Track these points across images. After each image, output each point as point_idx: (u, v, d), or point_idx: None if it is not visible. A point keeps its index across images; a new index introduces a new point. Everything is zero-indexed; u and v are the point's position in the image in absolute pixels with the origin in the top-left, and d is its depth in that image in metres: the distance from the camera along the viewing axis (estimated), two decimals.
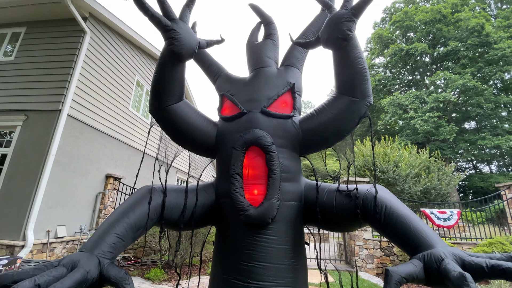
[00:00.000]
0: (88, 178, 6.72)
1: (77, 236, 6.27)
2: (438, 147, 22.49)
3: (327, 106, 1.65)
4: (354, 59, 1.47)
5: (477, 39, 21.94)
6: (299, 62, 2.01)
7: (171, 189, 1.60)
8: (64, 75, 6.07)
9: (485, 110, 22.64)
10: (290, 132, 1.69)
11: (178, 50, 1.46)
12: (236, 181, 1.54)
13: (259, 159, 1.61)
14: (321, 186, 1.64)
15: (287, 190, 1.58)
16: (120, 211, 1.38)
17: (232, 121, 1.75)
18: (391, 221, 1.29)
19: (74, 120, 6.22)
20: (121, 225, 1.32)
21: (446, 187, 13.29)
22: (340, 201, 1.51)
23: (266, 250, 1.46)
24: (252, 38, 2.18)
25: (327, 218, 1.56)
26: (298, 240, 1.59)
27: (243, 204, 1.48)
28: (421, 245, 1.16)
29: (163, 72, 1.56)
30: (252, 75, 1.93)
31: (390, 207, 1.33)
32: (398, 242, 1.29)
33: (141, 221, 1.39)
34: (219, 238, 1.67)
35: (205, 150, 1.84)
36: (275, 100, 1.74)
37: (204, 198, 1.68)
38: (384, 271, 1.06)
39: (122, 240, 1.30)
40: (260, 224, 1.46)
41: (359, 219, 1.42)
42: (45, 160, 5.41)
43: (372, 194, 1.42)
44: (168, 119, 1.68)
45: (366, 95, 1.56)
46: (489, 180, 22.81)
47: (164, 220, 1.51)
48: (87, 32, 6.43)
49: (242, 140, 1.60)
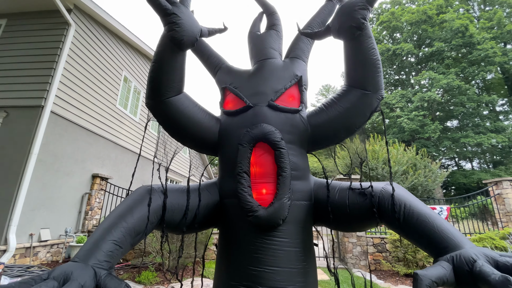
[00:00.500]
0: (73, 178, 6.42)
1: (62, 239, 5.97)
2: (423, 145, 23.09)
3: (337, 100, 1.57)
4: (367, 50, 1.39)
5: (461, 39, 22.62)
6: (304, 54, 1.92)
7: (171, 189, 1.48)
8: (47, 70, 5.74)
9: (468, 109, 23.41)
10: (299, 127, 1.60)
11: (179, 37, 1.34)
12: (244, 179, 1.44)
13: (267, 156, 1.51)
14: (332, 185, 1.56)
15: (297, 188, 1.49)
16: (116, 215, 1.25)
17: (236, 115, 1.64)
18: (412, 221, 1.22)
19: (58, 117, 5.91)
20: (118, 230, 1.19)
21: (432, 183, 13.64)
22: (353, 200, 1.43)
23: (277, 253, 1.36)
24: (254, 29, 2.07)
25: (340, 218, 1.48)
26: (308, 242, 1.51)
27: (252, 205, 1.38)
28: (448, 245, 1.09)
29: (162, 61, 1.43)
30: (256, 67, 1.82)
31: (410, 205, 1.26)
32: (420, 243, 1.22)
33: (141, 225, 1.27)
34: (223, 241, 1.56)
35: (207, 147, 1.72)
36: (282, 94, 1.65)
37: (208, 198, 1.56)
38: (413, 274, 0.98)
39: (119, 247, 1.17)
40: (270, 226, 1.37)
41: (375, 218, 1.35)
42: (27, 160, 5.10)
43: (388, 192, 1.35)
44: (166, 113, 1.55)
45: (378, 88, 1.49)
46: (471, 177, 23.62)
47: (166, 223, 1.39)
48: (71, 25, 6.11)
49: (249, 136, 1.49)
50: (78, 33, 6.46)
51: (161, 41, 1.41)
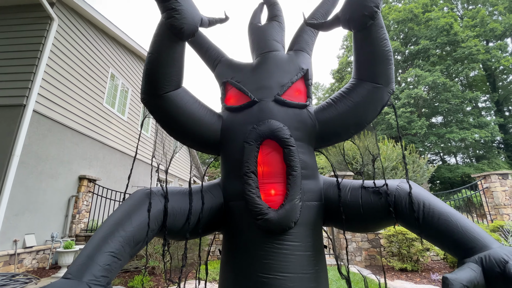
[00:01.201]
0: (59, 180, 6.13)
1: (48, 244, 5.70)
2: (410, 141, 23.59)
3: (346, 94, 1.50)
4: (379, 41, 1.32)
5: (446, 37, 23.16)
6: (309, 47, 1.83)
7: (172, 192, 1.37)
8: (29, 66, 5.44)
9: (452, 105, 24.05)
10: (306, 124, 1.51)
11: (179, 25, 1.22)
12: (251, 180, 1.34)
13: (275, 154, 1.41)
14: (343, 183, 1.48)
15: (307, 188, 1.41)
16: (113, 222, 1.13)
17: (240, 111, 1.54)
18: (433, 221, 1.15)
19: (41, 116, 5.61)
20: (115, 240, 1.06)
21: (420, 178, 13.94)
22: (367, 199, 1.36)
23: (288, 258, 1.28)
24: (254, 20, 1.96)
25: (353, 218, 1.41)
26: (319, 244, 1.43)
27: (261, 207, 1.28)
28: (475, 246, 1.03)
29: (160, 52, 1.31)
30: (259, 60, 1.72)
31: (429, 204, 1.20)
32: (443, 244, 1.16)
33: (141, 233, 1.15)
34: (229, 246, 1.45)
35: (208, 146, 1.61)
36: (289, 88, 1.55)
37: (211, 201, 1.46)
38: (442, 279, 0.92)
39: (118, 259, 1.05)
40: (282, 229, 1.28)
41: (392, 218, 1.28)
42: (9, 162, 4.82)
43: (404, 190, 1.28)
44: (164, 109, 1.43)
45: (390, 82, 1.42)
46: (456, 171, 24.33)
47: (167, 229, 1.27)
48: (54, 19, 5.81)
49: (256, 133, 1.39)
50: (61, 28, 6.15)
51: (158, 30, 1.29)
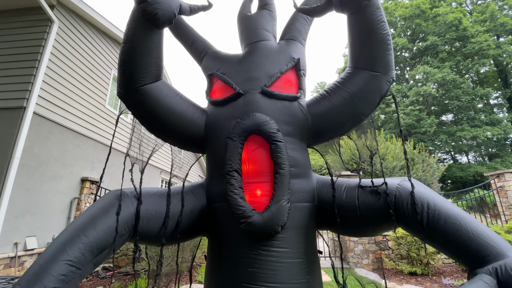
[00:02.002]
0: (61, 182, 6.12)
1: None
2: (419, 139, 23.06)
3: (341, 85, 1.34)
4: (375, 23, 1.17)
5: (455, 33, 22.60)
6: (301, 36, 1.69)
7: (147, 193, 1.24)
8: (29, 69, 5.44)
9: (463, 102, 23.43)
10: (297, 117, 1.36)
11: (153, 11, 1.10)
12: (234, 179, 1.20)
13: (261, 150, 1.27)
14: (338, 182, 1.33)
15: (298, 188, 1.26)
16: (74, 228, 1.01)
17: (225, 104, 1.41)
18: (439, 224, 0.99)
19: (42, 118, 5.61)
20: (75, 247, 0.94)
21: (430, 178, 13.58)
22: (364, 200, 1.21)
23: (275, 266, 1.13)
24: (244, 10, 1.83)
25: (349, 221, 1.25)
26: (311, 250, 1.28)
27: (244, 209, 1.15)
28: (488, 254, 0.88)
29: (134, 41, 1.18)
30: (247, 51, 1.59)
31: (434, 205, 1.04)
32: (451, 251, 1.00)
33: (106, 239, 1.02)
34: (213, 253, 1.32)
35: (192, 143, 1.48)
36: (278, 78, 1.41)
37: (193, 203, 1.33)
38: None
39: (76, 268, 0.92)
40: (267, 234, 1.14)
41: (392, 221, 1.13)
42: (9, 164, 4.81)
43: (406, 190, 1.13)
44: (142, 103, 1.31)
45: (389, 69, 1.26)
46: (468, 170, 23.66)
47: (140, 234, 1.15)
48: (54, 21, 5.81)
49: (240, 127, 1.26)
50: (62, 30, 6.16)
51: (132, 17, 1.17)
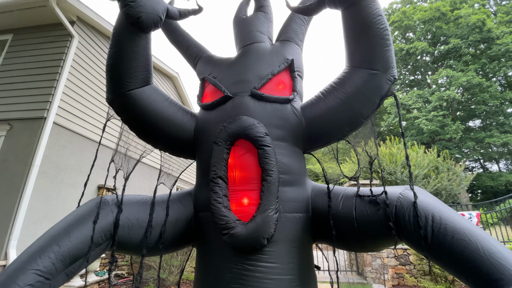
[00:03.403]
0: (78, 189, 6.31)
1: None
2: (444, 147, 21.93)
3: (338, 85, 1.24)
4: (371, 17, 1.06)
5: (479, 35, 21.59)
6: (298, 37, 1.61)
7: (130, 201, 1.19)
8: (50, 81, 5.74)
9: (491, 107, 22.14)
10: (290, 121, 1.27)
11: (135, 14, 1.07)
12: (218, 187, 1.12)
13: (249, 156, 1.19)
14: (334, 191, 1.21)
15: (289, 197, 1.16)
16: (48, 236, 0.96)
17: (213, 108, 1.35)
18: (445, 240, 0.85)
19: (61, 128, 5.86)
20: (45, 256, 0.90)
21: (457, 187, 12.75)
22: (362, 211, 1.08)
23: (262, 283, 1.03)
24: (240, 13, 1.79)
25: (346, 234, 1.13)
26: (306, 266, 1.16)
27: (227, 220, 1.06)
28: (502, 277, 0.73)
29: (120, 45, 1.16)
30: (240, 53, 1.53)
31: (440, 218, 0.90)
32: (459, 272, 0.85)
33: (80, 248, 0.97)
34: (199, 265, 1.24)
35: (182, 149, 1.43)
36: (269, 80, 1.33)
37: (179, 212, 1.26)
38: None
39: (45, 278, 0.87)
40: (251, 247, 1.03)
41: (392, 235, 0.99)
42: (29, 172, 5.02)
43: (408, 200, 0.99)
44: (129, 108, 1.28)
45: (389, 66, 1.14)
46: (499, 179, 22.14)
47: (119, 244, 1.09)
48: (74, 36, 6.13)
49: (226, 132, 1.19)
50: (81, 44, 6.48)
51: (117, 21, 1.15)
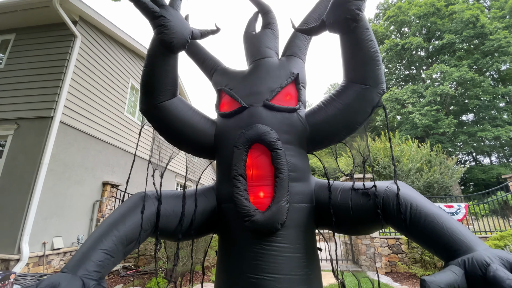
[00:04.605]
0: (84, 186, 6.52)
1: (74, 246, 6.07)
2: (437, 141, 22.43)
3: (336, 97, 1.50)
4: (364, 42, 1.32)
5: (472, 30, 21.93)
6: (301, 52, 1.85)
7: (166, 195, 1.44)
8: (55, 81, 5.88)
9: (483, 101, 22.62)
10: (296, 127, 1.53)
11: (169, 39, 1.31)
12: (239, 183, 1.38)
13: (263, 157, 1.44)
14: (334, 185, 1.48)
15: (297, 191, 1.42)
16: (108, 223, 1.22)
17: (231, 117, 1.59)
18: (419, 222, 1.13)
19: (67, 127, 6.03)
20: (109, 239, 1.15)
21: (449, 180, 13.19)
22: (356, 201, 1.35)
23: (277, 259, 1.29)
24: (249, 29, 2.02)
25: (343, 220, 1.40)
26: (310, 246, 1.43)
27: (248, 209, 1.32)
28: (459, 248, 1.00)
29: (154, 65, 1.40)
30: (252, 67, 1.77)
31: (416, 205, 1.17)
32: (429, 246, 1.12)
33: (133, 233, 1.23)
34: (222, 248, 1.50)
35: (204, 151, 1.68)
36: (278, 93, 1.58)
37: (204, 204, 1.51)
38: (420, 281, 0.90)
39: (111, 256, 1.13)
40: (268, 231, 1.30)
41: (380, 220, 1.26)
42: (38, 169, 5.21)
43: (393, 192, 1.26)
44: (161, 117, 1.52)
45: (379, 82, 1.40)
46: (490, 172, 22.76)
47: (160, 230, 1.34)
48: (77, 36, 6.25)
49: (244, 137, 1.44)
50: (84, 44, 6.60)
51: (151, 45, 1.38)
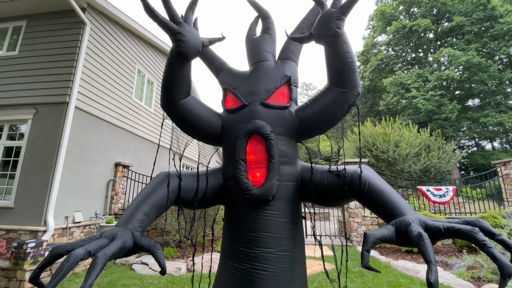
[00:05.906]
0: (99, 166, 7.03)
1: (93, 220, 6.67)
2: (440, 126, 22.50)
3: (320, 97, 1.86)
4: (343, 54, 1.65)
5: (483, 13, 21.30)
6: (294, 55, 2.19)
7: (185, 174, 1.85)
8: (69, 68, 6.21)
9: (489, 86, 22.35)
10: (287, 121, 1.90)
11: (185, 51, 1.65)
12: (241, 165, 1.78)
13: (260, 146, 1.83)
14: (315, 168, 1.87)
15: (285, 172, 1.82)
16: (144, 194, 1.63)
17: (235, 112, 1.97)
18: (372, 195, 1.52)
19: (81, 112, 6.43)
20: (146, 204, 1.57)
21: (446, 165, 13.51)
22: (331, 180, 1.75)
23: (268, 222, 1.72)
24: (251, 33, 2.34)
25: (320, 195, 1.80)
26: (295, 215, 1.85)
27: (247, 185, 1.73)
28: (395, 213, 1.40)
29: (172, 71, 1.76)
30: (252, 69, 2.12)
31: (372, 183, 1.56)
32: (377, 212, 1.53)
33: (162, 201, 1.65)
34: (227, 215, 1.93)
35: (212, 139, 2.07)
36: (273, 93, 1.94)
37: (214, 181, 1.93)
38: (363, 234, 1.31)
39: (148, 216, 1.55)
40: (262, 202, 1.71)
41: (346, 194, 1.66)
42: (58, 151, 5.69)
43: (358, 174, 1.65)
44: (178, 113, 1.90)
45: (354, 86, 1.75)
46: (490, 157, 22.96)
47: (181, 200, 1.77)
48: (86, 23, 6.49)
49: (245, 130, 1.82)
50: (93, 31, 6.84)
51: (170, 55, 1.73)
